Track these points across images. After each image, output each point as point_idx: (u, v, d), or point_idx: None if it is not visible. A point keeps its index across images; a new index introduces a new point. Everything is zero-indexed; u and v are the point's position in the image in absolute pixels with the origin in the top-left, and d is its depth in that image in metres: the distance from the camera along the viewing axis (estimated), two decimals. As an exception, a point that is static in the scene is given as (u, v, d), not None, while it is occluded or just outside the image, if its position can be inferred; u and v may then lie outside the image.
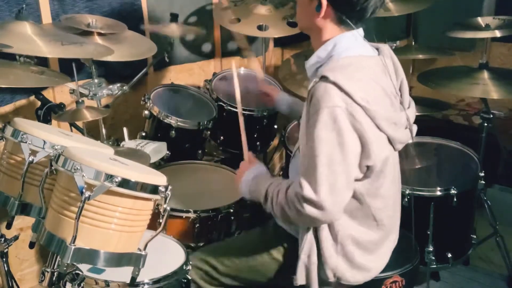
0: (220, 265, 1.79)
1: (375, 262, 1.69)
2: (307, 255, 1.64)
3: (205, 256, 1.82)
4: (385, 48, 1.66)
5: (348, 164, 1.47)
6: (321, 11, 1.55)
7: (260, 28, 2.76)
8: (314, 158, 1.47)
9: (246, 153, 1.83)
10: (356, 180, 1.55)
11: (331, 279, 1.64)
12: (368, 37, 1.65)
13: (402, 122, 1.60)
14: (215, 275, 1.80)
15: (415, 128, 1.69)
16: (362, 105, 1.45)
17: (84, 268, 1.36)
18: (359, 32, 1.58)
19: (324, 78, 1.47)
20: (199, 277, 1.80)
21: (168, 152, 2.35)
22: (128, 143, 2.25)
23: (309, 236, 1.63)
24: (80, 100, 2.04)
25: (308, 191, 1.47)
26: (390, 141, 1.57)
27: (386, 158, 1.57)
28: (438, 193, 2.23)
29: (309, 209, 1.48)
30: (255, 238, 1.80)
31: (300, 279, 1.66)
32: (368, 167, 1.53)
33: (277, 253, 1.75)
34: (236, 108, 2.57)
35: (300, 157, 1.56)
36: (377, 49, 1.65)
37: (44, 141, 1.37)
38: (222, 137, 2.68)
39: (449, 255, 2.30)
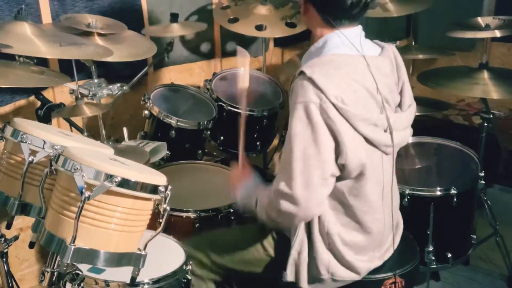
0: (216, 256, 1.80)
1: (365, 263, 1.67)
2: (298, 252, 1.65)
3: (202, 245, 1.83)
4: (390, 48, 1.64)
5: (323, 159, 1.47)
6: (302, 9, 1.59)
7: (258, 28, 2.76)
8: (289, 152, 1.49)
9: (242, 157, 1.83)
10: (337, 178, 1.54)
11: (325, 275, 1.64)
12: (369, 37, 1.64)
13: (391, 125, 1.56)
14: (209, 265, 1.82)
15: (408, 132, 1.65)
16: (335, 103, 1.44)
17: (84, 268, 1.36)
18: (351, 31, 1.55)
19: (302, 74, 1.49)
20: (196, 266, 1.80)
21: (168, 152, 2.35)
22: (128, 143, 2.25)
23: (301, 233, 1.64)
24: (79, 97, 2.04)
25: (283, 185, 1.50)
26: (371, 143, 1.54)
27: (365, 161, 1.54)
28: (438, 193, 2.23)
29: (284, 204, 1.50)
30: (251, 232, 1.80)
31: (290, 275, 1.67)
32: (343, 165, 1.51)
33: (271, 249, 1.76)
34: (236, 108, 2.58)
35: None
36: (383, 48, 1.63)
37: (44, 141, 1.37)
38: (222, 137, 2.68)
39: (449, 255, 2.30)
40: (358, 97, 1.50)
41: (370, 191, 1.60)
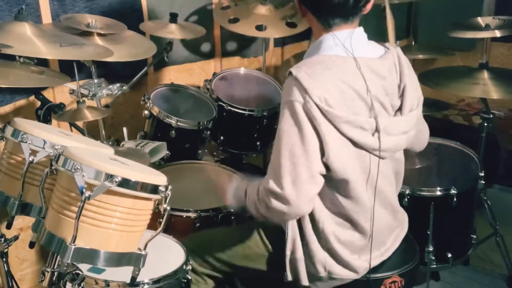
0: (217, 251, 1.80)
1: (362, 262, 1.67)
2: (291, 251, 1.66)
3: (202, 241, 1.84)
4: (394, 50, 1.62)
5: (309, 158, 1.48)
6: (299, 12, 1.60)
7: (259, 28, 2.76)
8: (277, 151, 1.51)
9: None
10: (326, 179, 1.54)
11: (322, 273, 1.64)
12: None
13: (381, 128, 1.53)
14: (211, 261, 1.82)
15: (404, 137, 1.61)
16: (318, 103, 1.45)
17: (84, 268, 1.36)
18: (344, 32, 1.55)
19: (289, 74, 1.51)
20: (197, 263, 1.81)
21: (168, 152, 2.35)
22: (128, 143, 2.25)
23: (291, 233, 1.64)
24: (81, 100, 2.04)
25: (272, 184, 1.51)
26: (359, 146, 1.52)
27: (350, 163, 1.53)
28: (438, 193, 2.23)
29: (275, 203, 1.51)
30: (252, 228, 1.80)
31: (289, 275, 1.68)
32: (326, 164, 1.51)
33: (271, 247, 1.76)
34: (236, 108, 2.59)
35: None
36: (386, 50, 1.62)
37: (44, 141, 1.37)
38: (222, 137, 2.68)
39: (449, 255, 2.30)
40: (345, 98, 1.49)
41: (360, 192, 1.59)
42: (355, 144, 1.52)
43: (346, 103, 1.49)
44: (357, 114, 1.51)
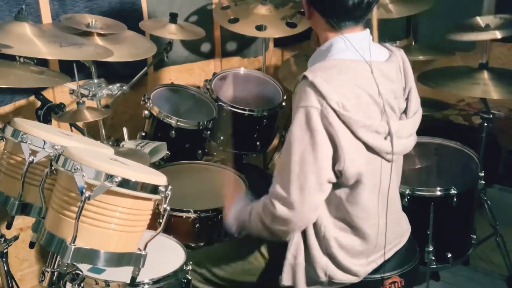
0: (217, 269, 1.79)
1: (362, 267, 1.66)
2: (294, 256, 1.64)
3: (202, 259, 1.82)
4: (398, 53, 1.62)
5: (319, 165, 1.47)
6: (306, 14, 1.59)
7: (259, 28, 2.77)
8: (287, 156, 1.49)
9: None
10: (335, 185, 1.54)
11: (323, 278, 1.63)
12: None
13: (393, 132, 1.54)
14: (212, 279, 1.80)
15: (412, 139, 1.62)
16: (336, 109, 1.44)
17: (84, 268, 1.36)
18: (356, 35, 1.54)
19: (304, 78, 1.48)
20: (197, 280, 1.80)
21: (168, 152, 2.35)
22: (128, 143, 2.25)
23: (296, 237, 1.63)
24: (80, 101, 2.04)
25: (279, 189, 1.50)
26: (372, 150, 1.53)
27: (364, 167, 1.53)
28: (438, 193, 2.23)
29: (279, 208, 1.50)
30: (249, 242, 1.79)
31: (287, 279, 1.66)
32: (340, 172, 1.50)
33: (268, 255, 1.75)
34: (236, 108, 2.59)
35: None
36: (391, 53, 1.62)
37: (44, 141, 1.37)
38: (222, 137, 2.68)
39: (449, 255, 2.30)
40: (360, 103, 1.49)
41: (367, 198, 1.58)
42: (368, 148, 1.52)
43: (362, 107, 1.49)
44: (372, 118, 1.51)
